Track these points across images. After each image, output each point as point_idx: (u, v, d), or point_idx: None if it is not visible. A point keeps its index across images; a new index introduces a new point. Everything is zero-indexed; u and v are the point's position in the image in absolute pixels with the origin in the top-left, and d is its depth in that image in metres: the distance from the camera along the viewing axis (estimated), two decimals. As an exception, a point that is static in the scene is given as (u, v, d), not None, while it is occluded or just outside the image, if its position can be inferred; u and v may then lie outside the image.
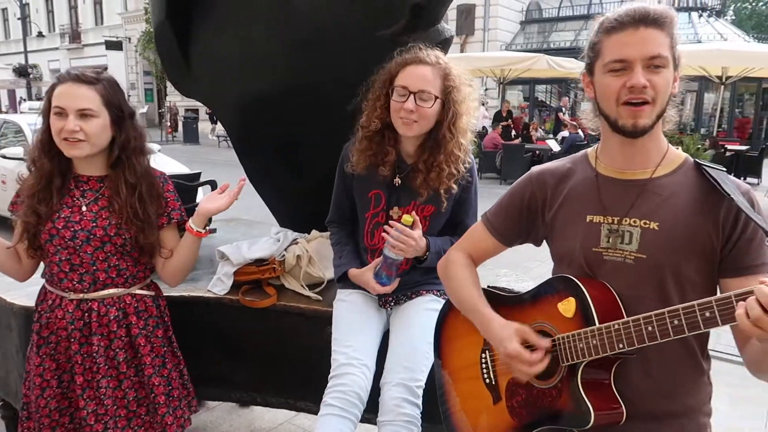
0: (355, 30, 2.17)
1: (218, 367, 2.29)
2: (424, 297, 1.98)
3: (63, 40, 34.68)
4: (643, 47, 1.16)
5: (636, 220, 1.23)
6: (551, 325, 1.31)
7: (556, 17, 21.08)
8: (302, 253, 2.32)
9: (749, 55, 11.64)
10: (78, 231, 1.70)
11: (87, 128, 1.65)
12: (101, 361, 1.74)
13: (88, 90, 1.65)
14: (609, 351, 1.18)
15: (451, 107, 1.84)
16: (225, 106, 2.80)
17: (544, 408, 1.31)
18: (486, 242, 1.52)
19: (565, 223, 1.34)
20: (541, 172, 1.42)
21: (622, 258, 1.24)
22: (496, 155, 13.03)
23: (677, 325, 1.08)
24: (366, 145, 1.92)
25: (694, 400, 1.28)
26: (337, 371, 1.82)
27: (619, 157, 1.29)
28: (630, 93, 1.17)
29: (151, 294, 1.87)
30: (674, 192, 1.23)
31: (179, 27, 2.57)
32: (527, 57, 14.11)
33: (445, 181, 1.86)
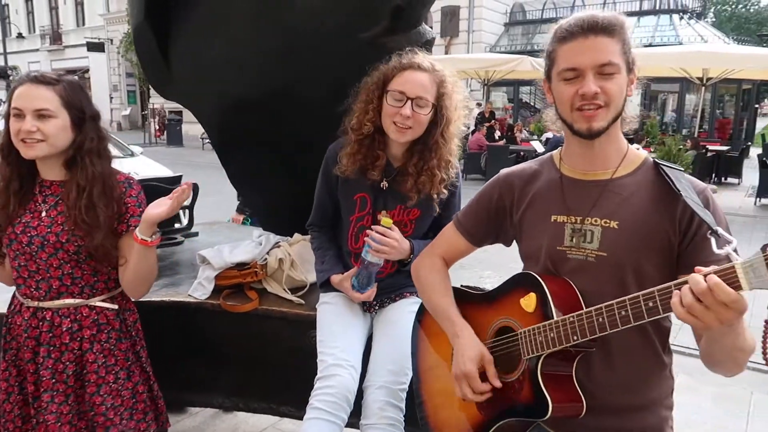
0: (336, 32, 2.16)
1: (200, 372, 2.26)
2: (408, 299, 1.98)
3: (43, 41, 34.22)
4: (592, 55, 1.20)
5: (597, 220, 1.28)
6: (514, 320, 1.35)
7: (540, 19, 21.23)
8: (284, 257, 2.30)
9: (729, 56, 11.80)
10: (34, 236, 1.66)
11: (45, 128, 1.61)
12: (46, 374, 1.68)
13: (47, 90, 1.62)
14: (565, 343, 1.22)
15: (444, 114, 1.85)
16: (206, 109, 2.77)
17: (506, 401, 1.35)
18: (457, 243, 1.57)
19: (532, 223, 1.39)
20: (508, 174, 1.48)
21: (584, 256, 1.28)
22: (481, 156, 13.08)
23: (624, 316, 1.12)
24: (356, 149, 1.90)
25: (655, 393, 1.31)
26: (324, 372, 1.79)
27: (580, 159, 1.34)
28: (582, 100, 1.22)
29: (113, 307, 1.78)
30: (633, 192, 1.28)
31: (159, 28, 2.54)
32: (511, 59, 14.18)
33: (437, 186, 1.86)
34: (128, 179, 1.78)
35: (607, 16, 1.22)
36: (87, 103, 1.71)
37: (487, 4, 20.54)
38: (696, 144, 12.62)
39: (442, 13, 20.14)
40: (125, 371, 1.77)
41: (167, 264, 2.68)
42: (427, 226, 1.98)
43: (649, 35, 18.36)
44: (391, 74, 1.84)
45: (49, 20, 34.19)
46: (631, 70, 1.25)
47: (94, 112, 1.72)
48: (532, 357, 1.28)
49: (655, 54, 11.70)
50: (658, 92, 19.98)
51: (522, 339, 1.31)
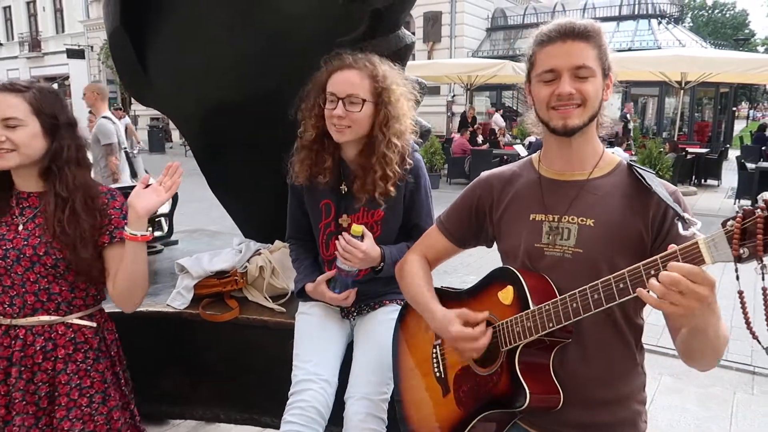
0: (315, 37, 2.14)
1: (180, 383, 2.22)
2: (387, 307, 1.95)
3: (22, 48, 33.79)
4: (568, 58, 1.27)
5: (574, 218, 1.33)
6: (492, 314, 1.38)
7: (521, 24, 21.40)
8: (265, 264, 2.27)
9: (707, 60, 11.98)
10: (9, 250, 1.60)
11: (14, 137, 1.55)
12: (18, 396, 1.60)
13: (14, 98, 1.56)
14: (541, 331, 1.25)
15: (382, 108, 1.81)
16: (185, 115, 2.73)
17: (485, 394, 1.38)
18: (440, 244, 1.61)
19: (511, 222, 1.43)
20: (488, 176, 1.53)
21: (561, 253, 1.33)
22: (465, 160, 13.12)
23: (597, 299, 1.16)
24: (305, 155, 1.90)
25: (628, 388, 1.35)
26: (296, 387, 1.78)
27: (557, 160, 1.39)
28: (558, 100, 1.28)
29: (91, 325, 1.70)
30: (608, 192, 1.33)
31: (135, 33, 2.50)
32: (493, 63, 14.31)
33: (380, 183, 1.80)
34: (111, 191, 1.73)
35: (584, 22, 1.29)
36: (61, 109, 1.64)
37: (468, 9, 20.68)
38: (675, 147, 12.78)
39: (424, 19, 20.23)
40: (101, 394, 1.69)
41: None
42: (397, 228, 1.94)
43: (628, 40, 18.59)
44: (325, 78, 1.83)
45: (27, 27, 33.78)
46: (607, 75, 1.32)
47: (69, 119, 1.66)
48: (510, 348, 1.31)
49: (634, 58, 11.86)
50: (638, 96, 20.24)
51: (500, 331, 1.34)
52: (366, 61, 1.82)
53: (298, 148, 1.92)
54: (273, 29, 2.21)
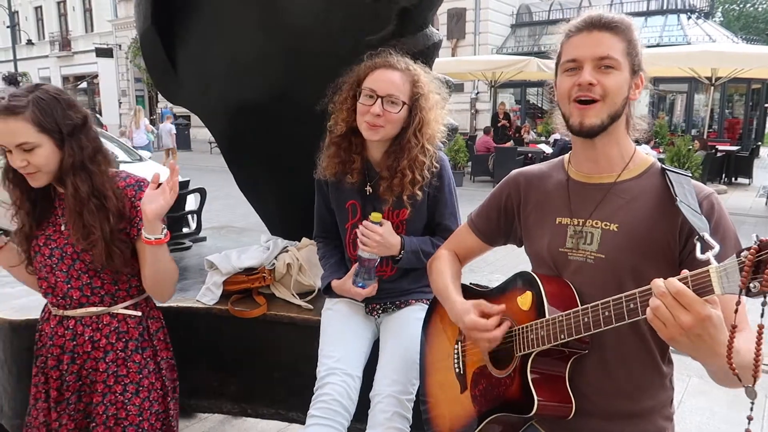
0: (342, 36, 2.15)
1: (208, 378, 2.25)
2: (413, 306, 1.96)
3: (53, 47, 34.50)
4: (592, 48, 1.23)
5: (597, 222, 1.29)
6: (512, 318, 1.37)
7: (547, 20, 21.14)
8: (292, 261, 2.29)
9: (738, 56, 11.71)
10: (54, 249, 1.68)
11: (33, 160, 1.56)
12: (72, 379, 1.70)
13: (17, 122, 1.52)
14: (554, 341, 1.23)
15: (418, 113, 1.81)
16: (213, 113, 2.77)
17: (498, 396, 1.38)
18: (470, 241, 1.62)
19: (537, 225, 1.41)
20: (518, 174, 1.51)
21: (584, 258, 1.30)
22: (489, 158, 13.05)
23: (607, 316, 1.13)
24: (334, 152, 1.89)
25: (653, 402, 1.31)
26: (320, 382, 1.81)
27: (584, 161, 1.36)
28: (579, 90, 1.23)
29: (136, 314, 1.76)
30: (636, 195, 1.28)
31: (165, 33, 2.54)
32: (518, 60, 14.16)
33: (408, 186, 1.81)
34: (139, 182, 1.72)
35: (614, 15, 1.25)
36: (62, 115, 1.58)
37: (493, 5, 20.51)
38: (704, 144, 12.54)
39: (448, 16, 20.11)
40: (135, 385, 1.73)
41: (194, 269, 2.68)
42: (422, 227, 1.95)
43: (656, 35, 18.25)
44: (364, 73, 1.83)
45: (58, 26, 34.48)
46: (636, 73, 1.26)
47: (73, 122, 1.60)
48: (524, 354, 1.30)
49: (663, 54, 11.63)
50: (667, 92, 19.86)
51: (516, 336, 1.33)
52: (409, 66, 1.83)
53: (327, 144, 1.92)
54: (296, 27, 2.22)
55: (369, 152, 1.91)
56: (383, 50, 1.87)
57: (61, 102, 1.60)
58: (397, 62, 1.82)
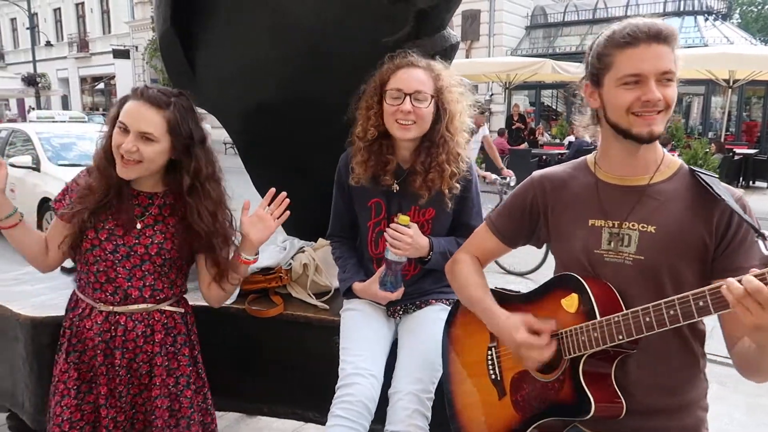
0: (358, 38, 2.16)
1: (225, 376, 2.26)
2: (434, 306, 1.96)
3: (71, 48, 34.97)
4: (656, 63, 1.23)
5: (635, 224, 1.30)
6: (555, 320, 1.36)
7: (561, 22, 21.07)
8: (309, 262, 2.31)
9: (756, 58, 11.58)
10: (120, 245, 1.70)
11: (144, 151, 1.63)
12: (123, 372, 1.73)
13: (155, 114, 1.63)
14: (609, 342, 1.23)
15: (447, 107, 1.84)
16: (230, 115, 2.79)
17: (547, 400, 1.37)
18: (490, 243, 1.60)
19: (568, 227, 1.41)
20: (542, 176, 1.50)
21: (622, 260, 1.31)
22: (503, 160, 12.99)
23: (673, 315, 1.14)
24: (367, 156, 1.90)
25: (692, 394, 1.34)
26: (344, 381, 1.80)
27: (619, 165, 1.36)
28: (644, 106, 1.24)
29: (180, 311, 1.83)
30: (670, 197, 1.30)
31: (184, 35, 2.57)
32: (532, 62, 14.13)
33: (448, 180, 1.84)
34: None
35: (667, 25, 1.26)
36: (195, 125, 1.70)
37: (507, 7, 20.47)
38: (721, 147, 12.40)
39: (462, 17, 20.09)
40: (185, 377, 1.80)
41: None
42: (447, 226, 1.96)
43: (673, 37, 18.08)
44: (387, 76, 1.85)
45: (76, 28, 34.95)
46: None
47: (201, 135, 1.72)
48: (574, 357, 1.29)
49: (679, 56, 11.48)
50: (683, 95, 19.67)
51: (564, 339, 1.32)
52: (429, 62, 1.87)
53: (359, 149, 1.92)
54: (313, 30, 2.24)
55: (398, 152, 1.92)
56: (400, 51, 1.89)
57: (195, 116, 1.72)
58: (416, 60, 1.85)
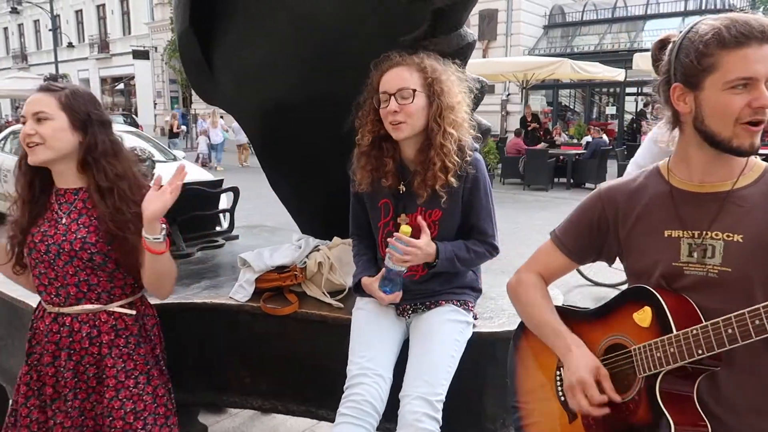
0: (375, 36, 2.16)
1: (239, 374, 2.28)
2: (444, 308, 1.94)
3: (92, 50, 35.46)
4: (767, 65, 1.12)
5: (719, 233, 1.21)
6: (626, 336, 1.28)
7: (580, 21, 20.88)
8: (324, 260, 2.31)
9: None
10: (51, 245, 1.69)
11: (41, 130, 1.63)
12: (68, 375, 1.70)
13: (46, 96, 1.65)
14: (687, 358, 1.14)
15: (435, 100, 1.82)
16: (247, 114, 2.81)
17: (621, 422, 1.28)
18: (557, 260, 1.50)
19: (642, 240, 1.32)
20: (609, 188, 1.41)
21: (705, 272, 1.22)
22: (519, 161, 12.92)
23: (759, 325, 1.05)
24: (365, 162, 1.92)
25: None
26: (350, 381, 1.81)
27: (699, 171, 1.25)
28: (755, 114, 1.13)
29: (131, 313, 1.77)
30: (757, 203, 1.20)
31: (202, 34, 2.59)
32: (550, 62, 13.99)
33: (440, 175, 1.80)
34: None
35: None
36: (94, 108, 1.71)
37: (525, 6, 20.33)
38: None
39: (479, 17, 20.00)
40: (145, 375, 1.77)
41: (208, 266, 2.72)
42: (455, 228, 1.94)
43: (694, 36, 17.83)
44: (376, 82, 1.86)
45: (97, 29, 35.44)
46: None
47: (102, 118, 1.72)
48: (650, 374, 1.21)
49: None
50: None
51: (637, 356, 1.24)
52: (413, 57, 1.86)
53: (357, 156, 1.95)
54: (332, 28, 2.24)
55: (403, 153, 1.92)
56: (386, 54, 1.89)
57: (94, 100, 1.73)
58: (401, 58, 1.85)
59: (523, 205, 10.20)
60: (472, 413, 2.00)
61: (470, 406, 1.99)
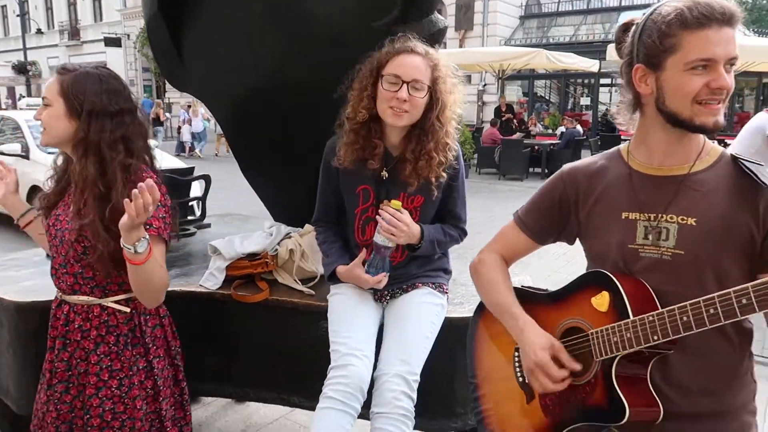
0: (348, 22, 2.15)
1: (211, 362, 2.27)
2: (420, 290, 1.96)
3: (62, 36, 34.60)
4: (727, 48, 1.13)
5: (673, 216, 1.22)
6: (584, 320, 1.30)
7: (556, 12, 21.02)
8: (295, 248, 2.30)
9: (749, 49, 11.52)
10: (58, 230, 1.66)
11: (43, 116, 1.61)
12: (62, 366, 1.67)
13: (54, 80, 1.62)
14: (643, 343, 1.16)
15: (440, 97, 1.84)
16: (219, 101, 2.78)
17: (577, 404, 1.30)
18: (519, 241, 1.50)
19: (600, 221, 1.33)
20: (572, 169, 1.41)
21: (659, 254, 1.23)
22: (495, 150, 13.01)
23: (713, 314, 1.07)
24: (353, 138, 1.88)
25: (738, 398, 1.26)
26: (339, 362, 1.78)
27: (659, 154, 1.27)
28: (712, 94, 1.14)
29: (124, 310, 1.68)
30: (712, 187, 1.22)
31: (171, 19, 2.54)
32: (526, 52, 14.08)
33: (436, 169, 1.84)
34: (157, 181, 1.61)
35: (736, 6, 1.14)
36: (91, 93, 1.58)
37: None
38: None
39: (456, 7, 20.01)
40: (128, 380, 1.68)
41: (180, 255, 2.69)
42: (433, 213, 1.97)
43: (667, 28, 18.08)
44: (385, 59, 1.83)
45: (67, 16, 34.57)
46: None
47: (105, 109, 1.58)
48: (606, 358, 1.23)
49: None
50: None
51: (594, 339, 1.26)
52: (428, 50, 1.86)
53: (346, 131, 1.90)
54: (303, 14, 2.22)
55: (387, 137, 1.91)
56: (402, 35, 1.88)
57: (102, 84, 1.62)
58: (416, 46, 1.84)
59: (498, 195, 10.28)
60: (443, 397, 2.02)
61: (441, 390, 2.01)
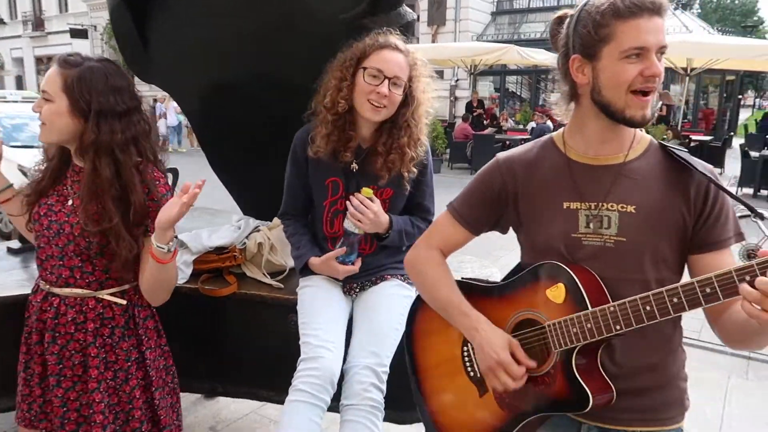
0: (315, 13, 2.14)
1: (179, 357, 2.23)
2: (389, 282, 1.98)
3: (26, 27, 33.58)
4: (656, 35, 1.15)
5: (613, 204, 1.25)
6: (539, 312, 1.30)
7: (527, 8, 21.19)
8: (264, 241, 2.29)
9: (713, 47, 11.85)
10: (53, 222, 1.61)
11: (44, 111, 1.56)
12: (52, 359, 1.63)
13: (56, 73, 1.54)
14: (606, 333, 1.18)
15: (415, 95, 1.88)
16: (185, 92, 2.74)
17: (537, 396, 1.30)
18: (456, 233, 1.48)
19: (540, 211, 1.34)
20: (507, 159, 1.40)
21: (602, 242, 1.26)
22: (467, 145, 13.10)
23: (677, 303, 1.09)
24: (331, 130, 1.87)
25: (673, 368, 1.32)
26: (309, 354, 1.77)
27: (595, 144, 1.29)
28: (646, 82, 1.16)
29: (121, 302, 1.67)
30: (646, 174, 1.26)
31: (136, 9, 2.49)
32: (497, 47, 14.16)
33: (407, 164, 1.88)
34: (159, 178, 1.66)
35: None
36: (98, 92, 1.53)
37: (474, -8, 20.47)
38: (678, 134, 12.72)
39: (429, 2, 20.03)
40: (123, 372, 1.67)
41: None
42: (402, 206, 2.00)
43: (635, 25, 18.39)
44: (367, 52, 1.83)
45: (31, 6, 33.55)
46: None
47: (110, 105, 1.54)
48: (565, 350, 1.24)
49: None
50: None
51: (552, 331, 1.26)
52: (408, 48, 1.88)
53: (324, 121, 1.88)
54: (271, 5, 2.21)
55: (359, 130, 1.92)
56: (386, 30, 1.89)
57: (109, 81, 1.56)
58: (399, 44, 1.87)
59: (470, 189, 10.39)
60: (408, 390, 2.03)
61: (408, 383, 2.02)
